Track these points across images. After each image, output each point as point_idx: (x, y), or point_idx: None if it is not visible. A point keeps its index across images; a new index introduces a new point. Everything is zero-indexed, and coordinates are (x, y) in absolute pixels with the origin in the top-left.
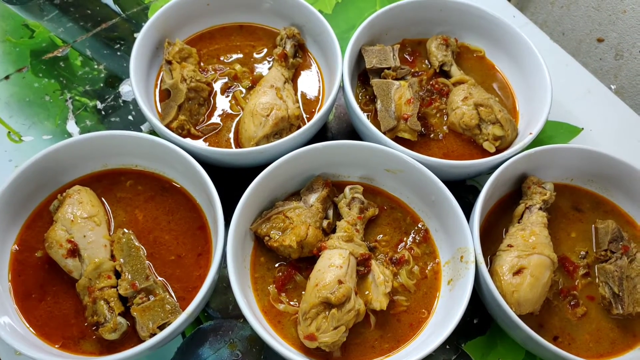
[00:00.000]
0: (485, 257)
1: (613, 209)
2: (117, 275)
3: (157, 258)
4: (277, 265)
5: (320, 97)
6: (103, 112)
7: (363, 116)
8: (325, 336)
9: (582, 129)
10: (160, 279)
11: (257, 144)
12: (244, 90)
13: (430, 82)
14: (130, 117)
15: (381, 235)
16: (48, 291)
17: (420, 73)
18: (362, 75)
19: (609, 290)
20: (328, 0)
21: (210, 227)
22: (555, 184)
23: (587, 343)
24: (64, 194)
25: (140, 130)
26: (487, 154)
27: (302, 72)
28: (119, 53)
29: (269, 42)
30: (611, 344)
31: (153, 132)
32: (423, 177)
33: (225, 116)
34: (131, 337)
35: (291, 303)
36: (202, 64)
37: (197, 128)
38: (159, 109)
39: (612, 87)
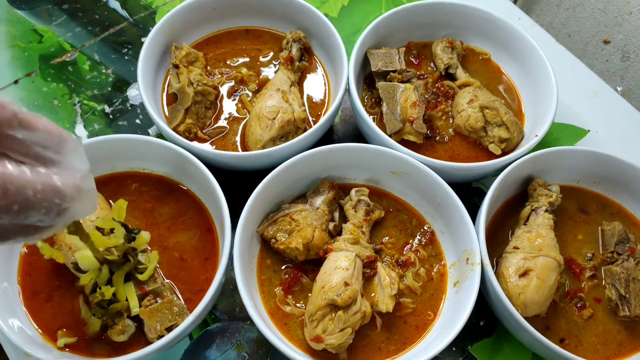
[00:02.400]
0: (491, 259)
1: (620, 211)
2: None
3: (164, 260)
4: (283, 267)
5: (326, 100)
6: (111, 116)
7: (369, 119)
8: (332, 338)
9: (589, 131)
10: (168, 281)
11: (263, 147)
12: (250, 94)
13: (436, 85)
14: (137, 121)
15: (387, 238)
16: (57, 293)
17: (425, 76)
18: (368, 78)
19: (615, 292)
20: (334, 4)
21: (217, 229)
22: (561, 186)
23: (595, 345)
24: None
25: (148, 134)
26: (492, 156)
27: (308, 75)
28: (126, 57)
29: (275, 45)
30: (618, 346)
31: (160, 135)
32: (429, 179)
33: (232, 119)
34: (139, 339)
35: (297, 305)
36: (208, 67)
37: (204, 131)
38: (166, 113)
39: (619, 88)
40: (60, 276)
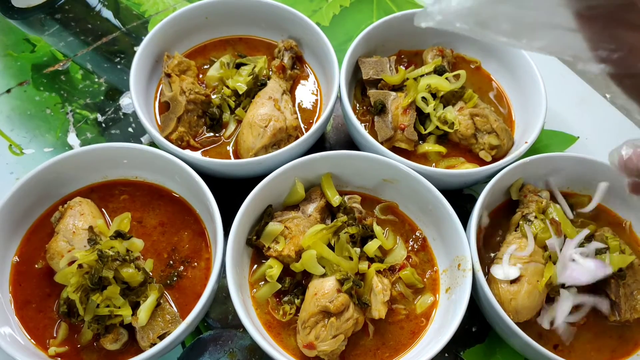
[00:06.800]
0: (482, 265)
1: (608, 216)
2: None
3: (157, 268)
4: None
5: (318, 108)
6: (103, 125)
7: (360, 127)
8: (324, 345)
9: (578, 137)
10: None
11: (255, 155)
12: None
13: None
14: (130, 130)
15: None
16: (49, 302)
17: None
18: (360, 86)
19: (605, 297)
20: (326, 13)
21: (209, 236)
22: (551, 192)
23: (588, 351)
24: (66, 205)
25: (141, 143)
26: (483, 163)
27: (300, 83)
28: (119, 66)
29: (267, 54)
30: (612, 352)
31: (153, 144)
32: (420, 186)
33: (224, 127)
34: (131, 347)
35: (290, 312)
36: (200, 76)
37: (196, 139)
38: (159, 121)
39: (608, 96)
40: (51, 285)
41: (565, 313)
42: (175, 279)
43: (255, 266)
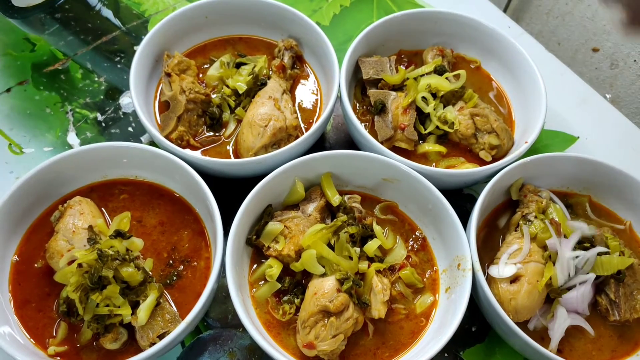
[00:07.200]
0: (482, 264)
1: (609, 216)
2: None
3: (156, 267)
4: None
5: (318, 108)
6: (103, 124)
7: (360, 126)
8: (324, 344)
9: (578, 137)
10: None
11: (255, 154)
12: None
13: None
14: (130, 129)
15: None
16: (48, 301)
17: None
18: (360, 85)
19: (605, 297)
20: (326, 12)
21: (209, 236)
22: (551, 192)
23: (589, 351)
24: (65, 204)
25: (140, 142)
26: (483, 162)
27: (300, 83)
28: (119, 66)
29: (267, 53)
30: (612, 351)
31: (153, 143)
32: (420, 186)
33: (224, 127)
34: (131, 346)
35: (290, 312)
36: (200, 75)
37: (196, 139)
38: (159, 121)
39: (608, 96)
40: (51, 284)
41: (560, 335)
42: (175, 278)
43: (255, 266)
